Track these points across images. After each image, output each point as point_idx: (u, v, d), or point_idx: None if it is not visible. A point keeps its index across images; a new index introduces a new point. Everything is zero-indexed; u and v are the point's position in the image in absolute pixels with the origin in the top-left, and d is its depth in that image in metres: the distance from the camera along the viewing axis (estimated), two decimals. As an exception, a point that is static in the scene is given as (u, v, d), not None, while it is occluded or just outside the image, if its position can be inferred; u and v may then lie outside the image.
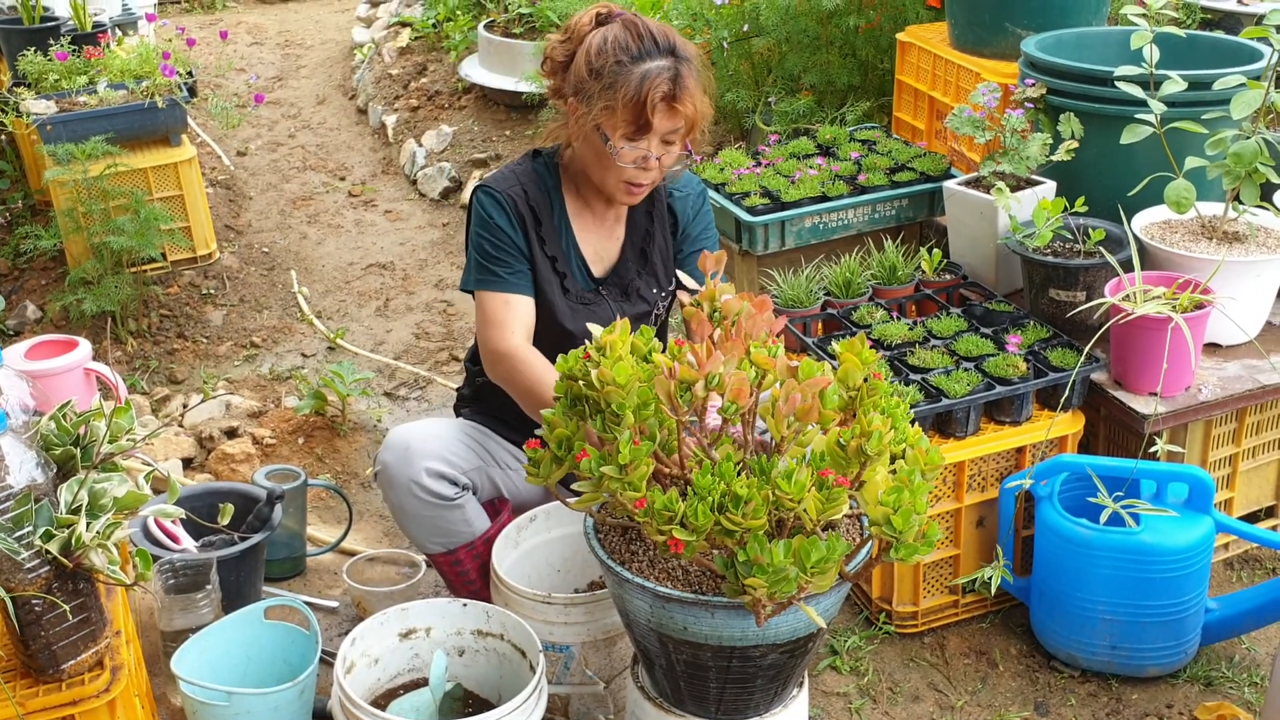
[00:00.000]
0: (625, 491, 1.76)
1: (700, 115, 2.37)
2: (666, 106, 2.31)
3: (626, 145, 2.34)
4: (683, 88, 2.31)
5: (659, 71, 2.30)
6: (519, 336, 2.42)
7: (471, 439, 2.55)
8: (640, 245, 2.58)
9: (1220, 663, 2.66)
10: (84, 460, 1.96)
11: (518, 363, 2.39)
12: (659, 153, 2.36)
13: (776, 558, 1.70)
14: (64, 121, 4.14)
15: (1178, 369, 2.62)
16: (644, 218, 2.58)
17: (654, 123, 2.32)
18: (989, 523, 2.74)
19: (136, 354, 4.11)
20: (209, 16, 8.73)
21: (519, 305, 2.45)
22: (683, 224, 2.60)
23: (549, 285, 2.49)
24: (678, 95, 2.31)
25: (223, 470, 3.38)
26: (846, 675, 2.65)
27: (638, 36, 2.33)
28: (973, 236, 3.14)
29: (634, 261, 2.57)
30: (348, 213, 5.47)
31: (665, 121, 2.33)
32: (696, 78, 2.35)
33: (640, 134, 2.34)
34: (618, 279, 2.57)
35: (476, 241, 2.48)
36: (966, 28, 3.77)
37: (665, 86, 2.30)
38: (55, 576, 1.83)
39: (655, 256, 2.58)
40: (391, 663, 2.32)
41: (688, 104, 2.32)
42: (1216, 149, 2.77)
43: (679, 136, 2.38)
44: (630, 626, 2.02)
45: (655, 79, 2.29)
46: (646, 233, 2.58)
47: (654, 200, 2.57)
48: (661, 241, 2.59)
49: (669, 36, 2.36)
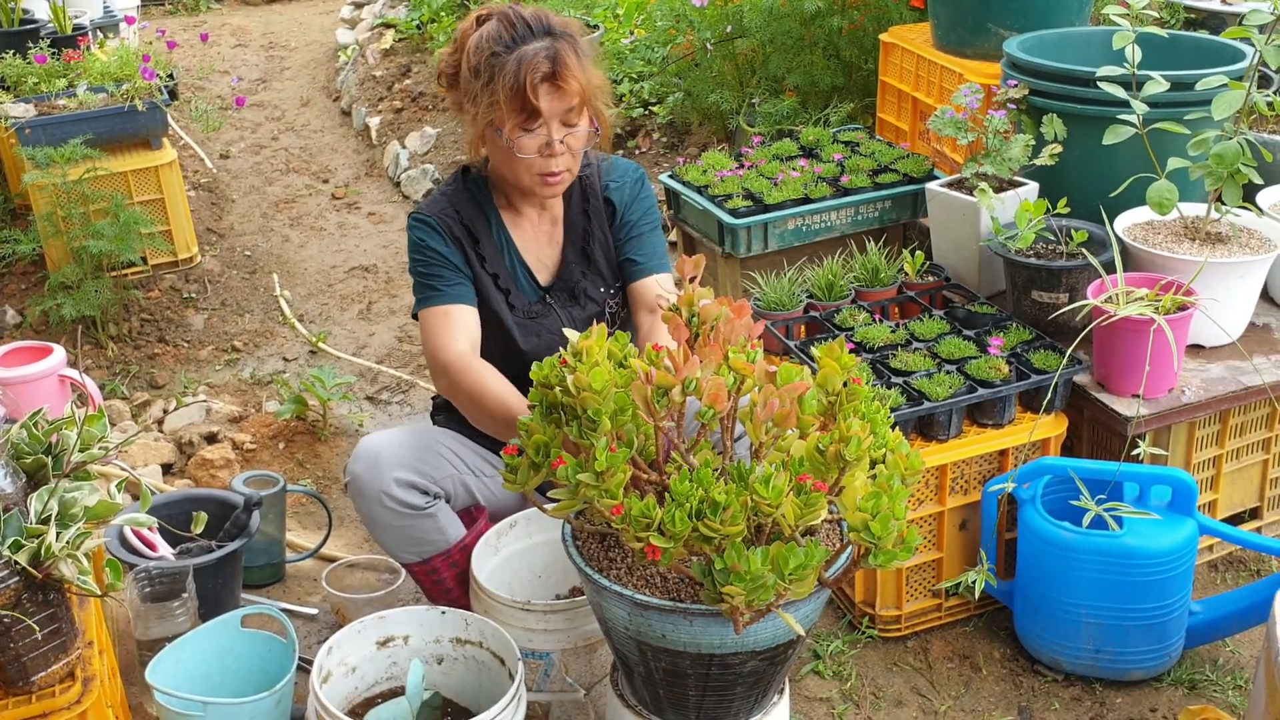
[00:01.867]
0: (602, 498, 1.74)
1: (591, 87, 2.34)
2: (550, 86, 2.29)
3: (523, 135, 2.32)
4: (562, 64, 2.28)
5: (534, 54, 2.27)
6: (460, 344, 2.40)
7: (445, 446, 2.53)
8: (580, 245, 2.56)
9: (1204, 666, 2.65)
10: (55, 469, 1.94)
11: (459, 371, 2.36)
12: (560, 135, 2.34)
13: (754, 565, 1.69)
14: (43, 125, 4.12)
15: (1160, 371, 2.61)
16: (580, 216, 2.56)
17: (540, 105, 2.29)
18: (972, 526, 2.72)
19: (117, 359, 4.08)
20: (192, 19, 8.70)
21: (458, 314, 2.43)
22: (620, 212, 2.57)
23: (495, 303, 2.49)
24: (557, 72, 2.28)
25: (202, 476, 3.35)
26: (829, 680, 2.63)
27: (510, 25, 2.31)
28: (955, 238, 3.13)
29: (577, 263, 2.56)
30: (331, 215, 5.44)
31: (553, 102, 2.30)
32: (579, 51, 2.32)
33: (532, 120, 2.31)
34: (563, 283, 2.56)
35: (413, 269, 2.49)
36: (949, 28, 3.76)
37: (544, 67, 2.27)
38: (25, 587, 1.81)
39: (597, 254, 2.56)
40: (369, 671, 2.30)
41: (570, 79, 2.29)
42: (1199, 150, 2.76)
43: (577, 115, 2.34)
44: (609, 634, 2.00)
45: (530, 61, 2.27)
46: (585, 231, 2.56)
47: (588, 196, 2.56)
48: (602, 237, 2.56)
49: (543, 19, 2.34)
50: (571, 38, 2.33)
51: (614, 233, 2.58)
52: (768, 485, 1.70)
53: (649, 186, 2.63)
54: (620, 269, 2.60)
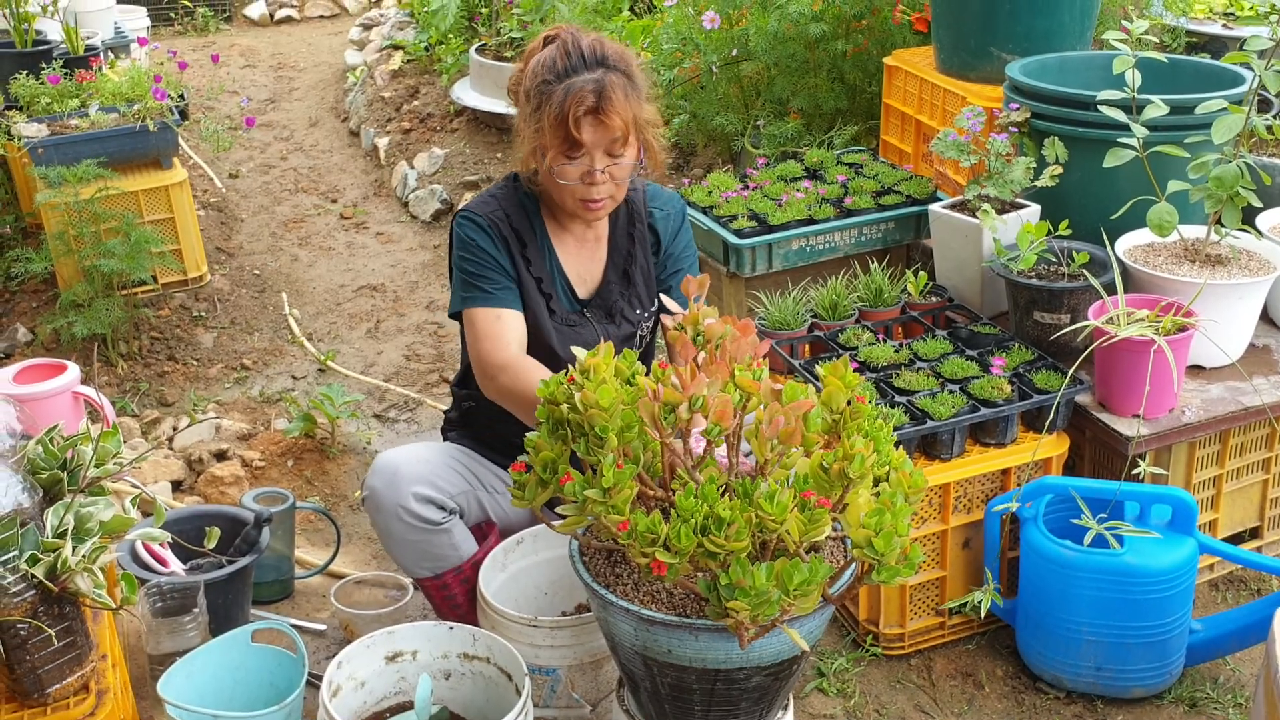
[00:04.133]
0: (609, 514, 1.77)
1: (637, 122, 2.36)
2: (593, 119, 2.30)
3: (566, 163, 2.35)
4: (607, 99, 2.29)
5: (582, 85, 2.29)
6: (514, 348, 2.42)
7: (459, 463, 2.56)
8: (622, 266, 2.58)
9: (1205, 684, 2.67)
10: (70, 484, 1.97)
11: (518, 372, 2.37)
12: (603, 164, 2.35)
13: (759, 580, 1.71)
14: (55, 145, 4.16)
15: (1161, 391, 2.64)
16: (625, 239, 2.59)
17: (583, 138, 2.31)
18: (975, 544, 2.75)
19: (127, 376, 4.11)
20: (202, 39, 8.77)
21: (510, 319, 2.45)
22: (664, 244, 2.61)
23: (536, 306, 2.50)
24: (602, 107, 2.30)
25: (212, 493, 3.38)
26: (833, 697, 2.65)
27: (565, 54, 2.33)
28: (958, 259, 3.16)
29: (616, 283, 2.58)
30: (339, 235, 5.49)
31: (596, 134, 2.32)
32: (630, 85, 2.34)
33: (574, 150, 2.34)
34: (601, 301, 2.58)
35: (460, 264, 2.49)
36: (952, 52, 3.80)
37: (589, 100, 2.29)
38: (41, 601, 1.83)
39: (637, 277, 2.59)
40: (378, 686, 2.32)
41: (614, 114, 2.30)
42: (1199, 173, 2.80)
43: (622, 146, 2.36)
44: (615, 649, 2.03)
45: (577, 94, 2.29)
46: (628, 254, 2.58)
47: (634, 220, 2.58)
48: (643, 261, 2.59)
49: (599, 50, 2.35)
50: (626, 70, 2.35)
51: (657, 263, 2.61)
52: (772, 501, 1.72)
53: (689, 220, 2.67)
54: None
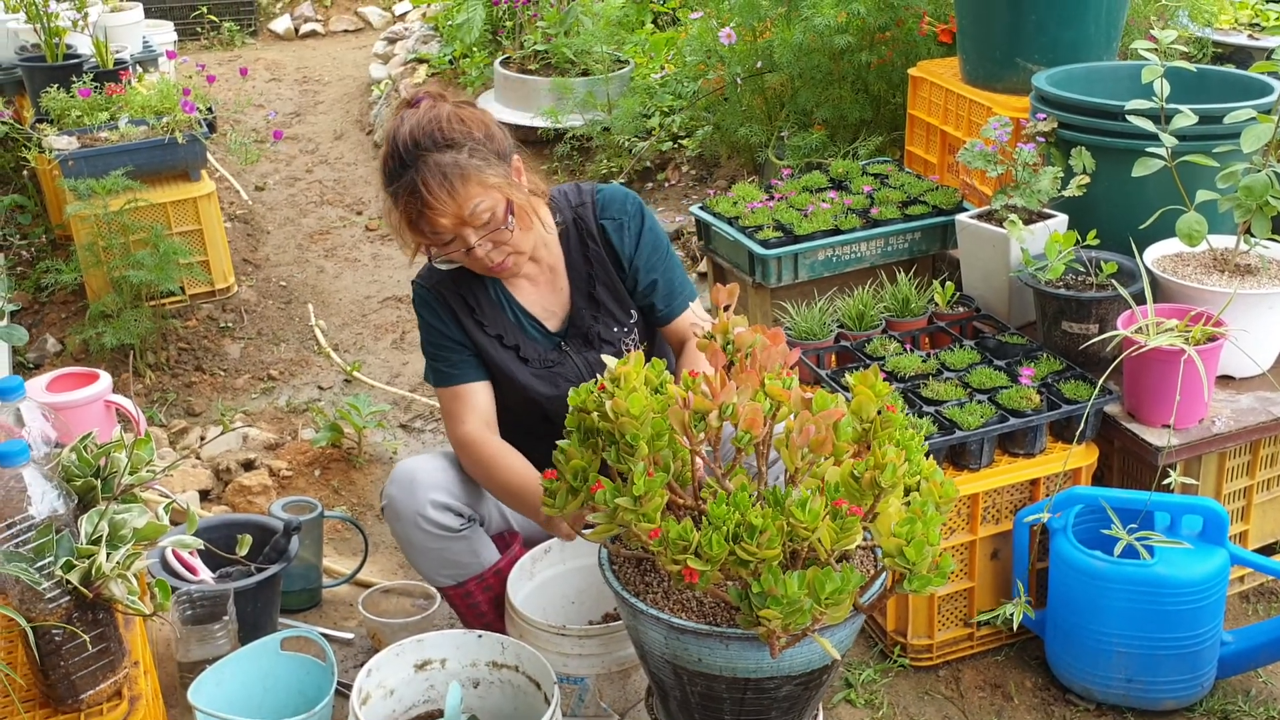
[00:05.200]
0: (640, 522, 1.77)
1: (483, 190, 2.27)
2: (428, 217, 2.27)
3: (443, 250, 2.35)
4: (426, 195, 2.24)
5: (406, 190, 2.26)
6: (469, 424, 2.47)
7: None
8: (586, 290, 2.53)
9: (1237, 696, 2.65)
10: (104, 491, 1.99)
11: (469, 449, 2.45)
12: (475, 238, 2.31)
13: (791, 589, 1.71)
14: (85, 157, 4.20)
15: (1191, 401, 2.62)
16: (580, 261, 2.54)
17: (428, 232, 2.30)
18: (1003, 555, 2.74)
19: (155, 386, 4.14)
20: (228, 53, 8.84)
21: (466, 394, 2.49)
22: (625, 256, 2.53)
23: (504, 362, 2.51)
24: (425, 205, 2.25)
25: (239, 502, 3.40)
26: (861, 708, 2.64)
27: (390, 154, 2.30)
28: (985, 269, 3.15)
29: (585, 308, 2.54)
30: (364, 246, 5.51)
31: (437, 224, 2.28)
32: (456, 161, 2.25)
33: (439, 238, 2.32)
34: (575, 329, 2.55)
35: (423, 342, 2.54)
36: (978, 63, 3.80)
37: (415, 204, 2.26)
38: (75, 606, 1.84)
39: (604, 296, 2.54)
40: (407, 694, 2.33)
41: (439, 205, 2.25)
42: (1227, 182, 2.78)
43: (480, 218, 2.29)
44: (645, 658, 2.03)
45: (400, 201, 2.28)
46: (588, 275, 2.53)
47: (585, 239, 2.53)
48: (605, 278, 2.54)
49: (411, 140, 2.27)
50: (445, 147, 2.26)
51: (627, 278, 2.54)
52: (804, 509, 1.72)
53: (650, 216, 2.58)
54: (644, 314, 2.58)
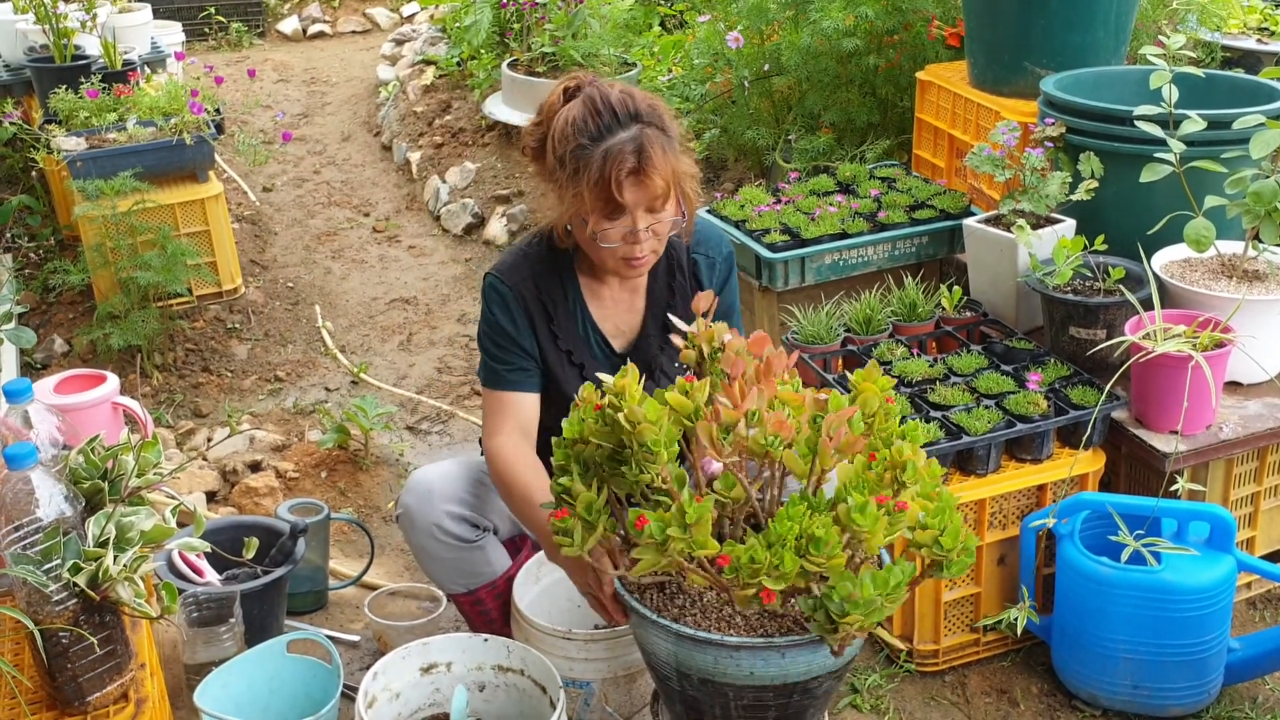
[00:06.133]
0: (696, 550, 1.74)
1: (678, 175, 2.26)
2: (635, 180, 2.20)
3: (608, 226, 2.26)
4: (647, 157, 2.20)
5: (620, 146, 2.19)
6: (505, 435, 2.39)
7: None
8: (661, 319, 2.45)
9: (1244, 703, 2.64)
10: (112, 494, 1.99)
11: (498, 462, 2.36)
12: (646, 223, 2.26)
13: (868, 591, 1.71)
14: (93, 158, 4.21)
15: (1198, 407, 2.62)
16: (664, 290, 2.49)
17: (626, 200, 2.21)
18: (1010, 561, 2.73)
19: (162, 388, 4.15)
20: (236, 54, 8.85)
21: (513, 404, 2.41)
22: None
23: (565, 380, 2.44)
24: (643, 167, 2.20)
25: (246, 504, 3.40)
26: (867, 714, 2.64)
27: (595, 112, 2.22)
28: (993, 274, 3.15)
29: (655, 336, 2.48)
30: (372, 248, 5.52)
31: (638, 194, 2.22)
32: (666, 139, 2.24)
33: (617, 212, 2.24)
34: (639, 355, 2.48)
35: (482, 336, 2.45)
36: (986, 67, 3.79)
37: (630, 161, 2.19)
38: (82, 609, 1.85)
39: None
40: (412, 697, 2.33)
41: (655, 173, 2.21)
42: (1236, 188, 2.78)
43: (663, 203, 2.26)
44: (654, 667, 2.02)
45: (617, 156, 2.19)
46: (668, 304, 2.47)
47: (675, 270, 2.48)
48: (684, 313, 2.42)
49: (630, 104, 2.24)
50: (660, 124, 2.25)
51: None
52: (864, 513, 1.72)
53: (734, 260, 2.57)
54: None
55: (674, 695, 1.99)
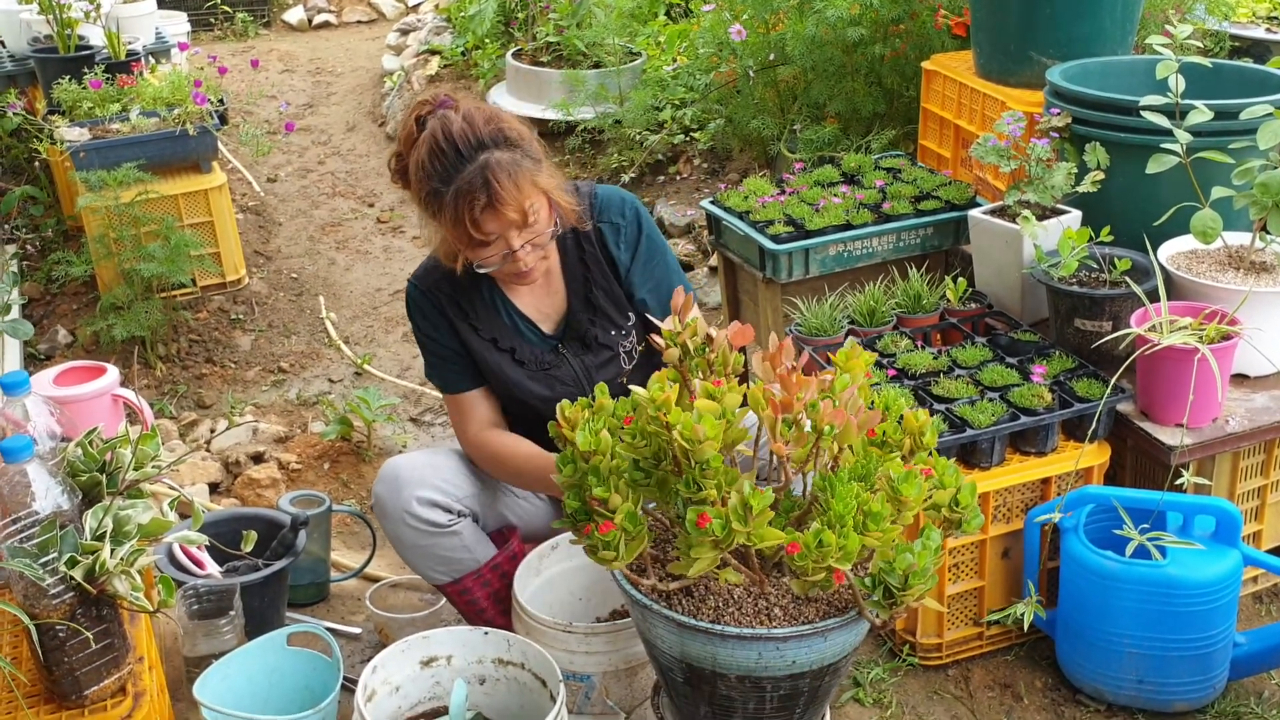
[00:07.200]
0: (760, 541, 1.74)
1: (536, 191, 2.27)
2: (491, 213, 2.23)
3: (484, 253, 2.30)
4: (495, 191, 2.21)
5: (469, 183, 2.21)
6: (472, 427, 2.53)
7: (474, 466, 2.57)
8: (582, 293, 2.51)
9: (1249, 698, 2.63)
10: (109, 487, 1.98)
11: (476, 450, 2.54)
12: (522, 240, 2.29)
13: (924, 559, 1.77)
14: (97, 148, 4.20)
15: (1204, 400, 2.60)
16: (577, 265, 2.51)
17: (489, 231, 2.26)
18: (1014, 554, 2.72)
19: (165, 379, 4.14)
20: (241, 44, 8.84)
21: (467, 403, 2.54)
22: (622, 262, 2.51)
23: (499, 367, 2.49)
24: (493, 201, 2.22)
25: (248, 495, 3.40)
26: (870, 707, 2.63)
27: (440, 153, 2.24)
28: (998, 265, 3.13)
29: (583, 312, 2.51)
30: (376, 239, 5.51)
31: (499, 223, 2.25)
32: (516, 159, 2.24)
33: (486, 243, 2.28)
34: (572, 332, 2.52)
35: (420, 345, 2.57)
36: (992, 57, 3.77)
37: (481, 198, 2.21)
38: (79, 603, 1.84)
39: (600, 299, 2.51)
40: (412, 691, 2.32)
41: (509, 201, 2.22)
42: (1243, 179, 2.76)
43: (532, 218, 2.28)
44: (655, 656, 2.02)
45: (467, 196, 2.21)
46: (584, 279, 2.51)
47: (581, 242, 2.50)
48: (602, 280, 2.51)
49: (471, 132, 2.24)
50: (505, 144, 2.26)
51: (623, 279, 2.52)
52: (909, 483, 1.77)
53: (647, 221, 2.55)
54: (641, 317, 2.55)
55: (700, 698, 1.98)
